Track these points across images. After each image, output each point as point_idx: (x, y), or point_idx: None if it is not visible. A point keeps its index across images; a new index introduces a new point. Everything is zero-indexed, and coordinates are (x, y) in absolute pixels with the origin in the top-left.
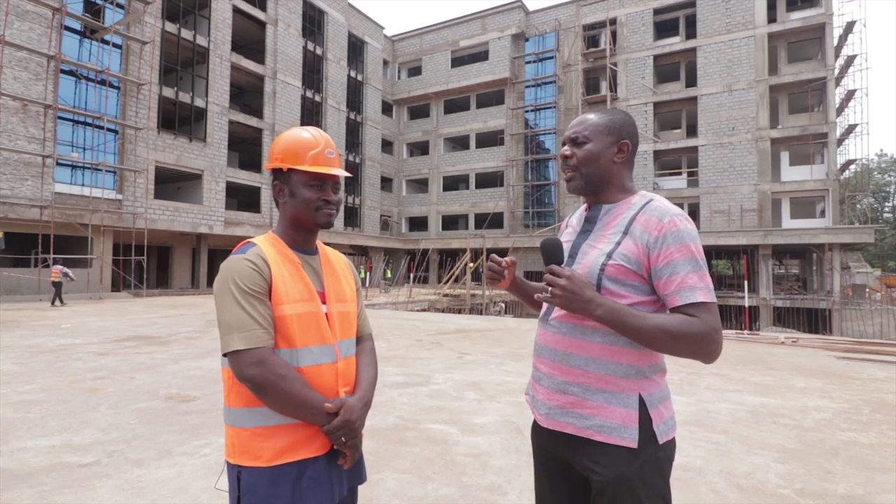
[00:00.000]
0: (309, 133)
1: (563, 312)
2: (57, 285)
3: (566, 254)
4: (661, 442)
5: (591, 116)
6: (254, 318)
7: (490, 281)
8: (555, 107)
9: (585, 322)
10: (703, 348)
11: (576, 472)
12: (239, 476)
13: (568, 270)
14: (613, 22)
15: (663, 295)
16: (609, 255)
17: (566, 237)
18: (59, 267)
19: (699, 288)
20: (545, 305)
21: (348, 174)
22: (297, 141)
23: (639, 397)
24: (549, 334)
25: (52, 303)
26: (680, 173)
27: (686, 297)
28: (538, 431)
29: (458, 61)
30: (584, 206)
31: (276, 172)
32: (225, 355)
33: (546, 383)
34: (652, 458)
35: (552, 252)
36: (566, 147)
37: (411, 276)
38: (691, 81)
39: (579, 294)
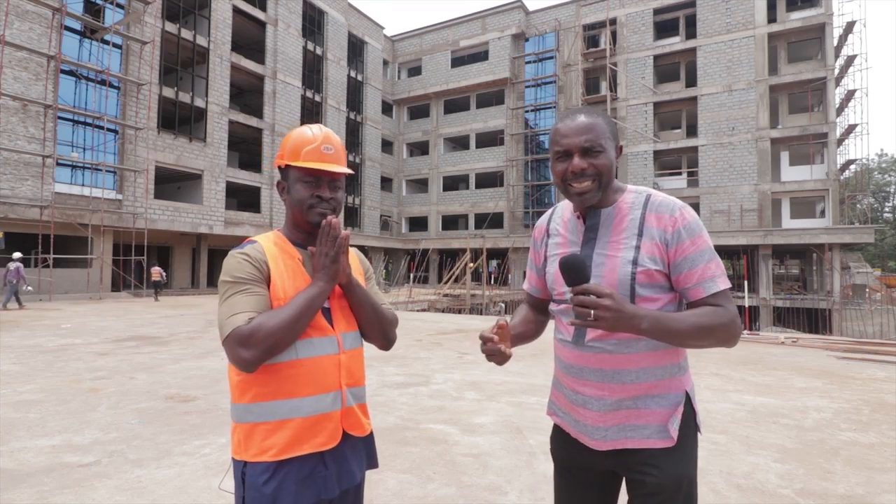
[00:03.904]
0: (311, 130)
1: (600, 332)
2: (156, 284)
3: None
4: (699, 433)
5: (595, 121)
6: (240, 305)
7: (492, 358)
8: (555, 107)
9: (627, 335)
10: (731, 334)
11: (605, 475)
12: (244, 472)
13: (608, 288)
14: (613, 22)
15: (684, 288)
16: (635, 262)
17: (559, 249)
18: (157, 268)
19: (718, 276)
20: (571, 326)
21: (348, 171)
22: (297, 138)
23: (685, 394)
24: (592, 356)
25: (155, 298)
26: (680, 173)
27: (709, 287)
28: (571, 445)
29: (458, 61)
30: (573, 213)
31: (282, 170)
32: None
33: (595, 406)
34: (693, 450)
35: (579, 270)
36: (578, 159)
37: (411, 276)
38: (691, 81)
39: (624, 311)
